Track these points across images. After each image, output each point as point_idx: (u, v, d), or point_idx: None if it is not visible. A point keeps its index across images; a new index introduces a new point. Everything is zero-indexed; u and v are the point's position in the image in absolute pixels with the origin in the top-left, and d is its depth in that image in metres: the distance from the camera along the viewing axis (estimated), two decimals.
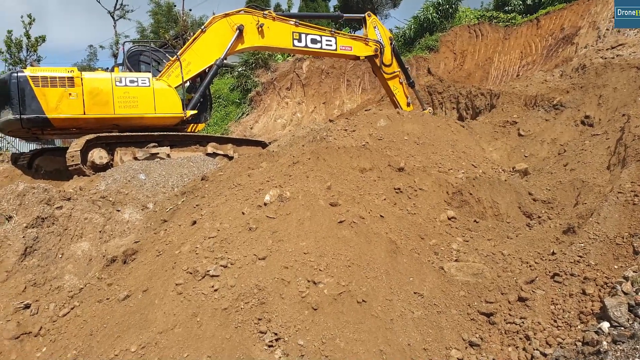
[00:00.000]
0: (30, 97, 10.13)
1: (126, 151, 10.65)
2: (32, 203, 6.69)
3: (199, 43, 11.84)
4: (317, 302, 4.00)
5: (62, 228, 6.46)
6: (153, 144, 10.89)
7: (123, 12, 48.58)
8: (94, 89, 10.53)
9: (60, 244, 6.29)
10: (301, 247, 4.55)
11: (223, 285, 4.25)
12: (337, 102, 20.93)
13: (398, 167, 6.72)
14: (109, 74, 10.98)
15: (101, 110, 10.58)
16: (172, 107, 11.22)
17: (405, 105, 13.50)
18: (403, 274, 4.59)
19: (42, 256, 6.02)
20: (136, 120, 11.03)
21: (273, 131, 19.30)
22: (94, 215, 6.84)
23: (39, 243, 6.12)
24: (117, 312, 4.63)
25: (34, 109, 10.14)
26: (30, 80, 10.16)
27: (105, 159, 10.35)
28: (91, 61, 50.70)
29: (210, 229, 5.17)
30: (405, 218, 5.64)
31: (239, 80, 21.72)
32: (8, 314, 5.04)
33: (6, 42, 34.32)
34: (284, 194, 5.36)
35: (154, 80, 11.05)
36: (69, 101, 10.32)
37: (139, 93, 10.86)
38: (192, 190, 7.55)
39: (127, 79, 10.84)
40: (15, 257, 5.84)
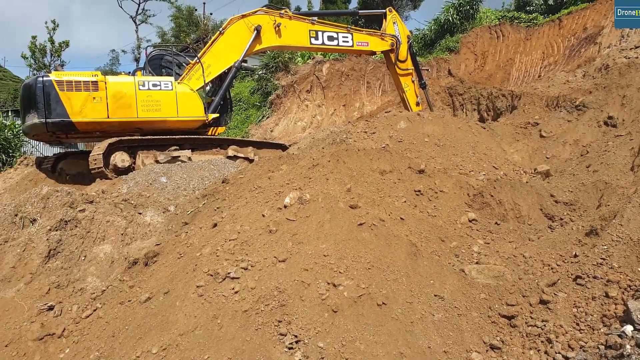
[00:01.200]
0: (55, 101, 10.25)
1: (148, 154, 10.79)
2: (56, 206, 6.83)
3: (218, 45, 11.90)
4: (337, 305, 3.98)
5: (85, 231, 6.57)
6: (174, 147, 11.01)
7: (145, 16, 49.65)
8: (118, 92, 10.63)
9: (83, 246, 6.39)
10: (321, 249, 4.54)
11: (243, 287, 4.27)
12: (357, 104, 20.88)
13: (418, 169, 6.67)
14: (132, 78, 11.09)
15: (124, 114, 10.67)
16: (194, 110, 11.31)
17: (414, 104, 13.56)
18: (423, 276, 4.54)
19: (65, 258, 6.12)
20: (159, 123, 11.12)
21: (293, 134, 19.35)
22: (116, 218, 6.93)
23: (63, 245, 6.23)
24: (139, 313, 4.68)
25: (58, 112, 10.25)
26: (56, 85, 10.29)
27: (127, 162, 10.49)
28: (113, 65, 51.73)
29: (230, 232, 5.20)
30: (426, 220, 5.58)
31: (259, 83, 21.86)
32: (32, 315, 5.14)
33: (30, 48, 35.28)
34: (303, 197, 5.36)
35: (176, 84, 11.15)
36: (92, 105, 10.44)
37: (162, 96, 10.97)
38: (213, 193, 7.62)
39: (150, 82, 10.96)
40: (39, 259, 5.96)
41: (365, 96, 21.13)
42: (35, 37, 35.17)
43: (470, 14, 23.03)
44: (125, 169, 10.35)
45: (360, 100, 21.03)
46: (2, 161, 15.81)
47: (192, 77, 11.53)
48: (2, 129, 16.12)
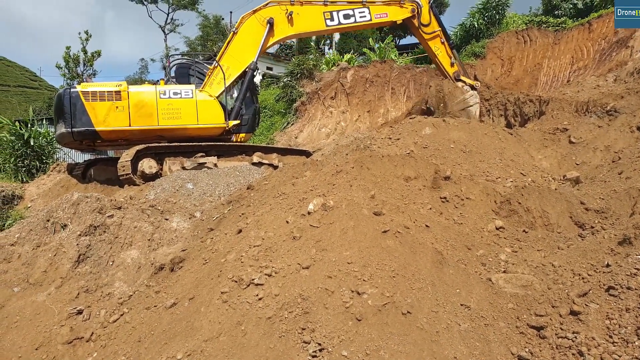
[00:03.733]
0: (81, 111, 10.75)
1: (175, 161, 10.98)
2: (86, 212, 6.99)
3: (233, 45, 11.89)
4: (361, 313, 3.95)
5: (113, 236, 6.70)
6: (201, 153, 11.16)
7: (173, 26, 50.71)
8: (139, 101, 10.97)
9: (111, 251, 6.52)
10: (345, 256, 4.51)
11: (267, 294, 4.27)
12: (382, 110, 20.80)
13: (444, 175, 6.58)
14: (153, 87, 11.35)
15: (146, 122, 10.96)
16: (214, 117, 11.41)
17: (448, 66, 12.92)
18: (449, 285, 4.46)
19: (94, 263, 6.26)
20: (180, 131, 11.28)
21: (317, 140, 19.38)
22: (144, 223, 7.06)
23: (92, 250, 6.37)
24: (165, 319, 4.73)
25: (84, 122, 10.74)
26: (81, 95, 10.77)
27: (154, 169, 10.70)
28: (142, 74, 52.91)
29: (255, 238, 5.22)
30: (452, 228, 5.50)
31: (284, 90, 22.01)
32: (62, 319, 5.26)
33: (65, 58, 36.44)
34: (327, 203, 5.35)
35: (196, 91, 11.32)
36: (115, 114, 10.83)
37: (182, 104, 11.15)
38: (238, 199, 7.67)
39: (171, 91, 11.19)
40: (69, 264, 6.11)
41: (389, 102, 21.04)
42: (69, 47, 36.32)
43: (496, 19, 22.75)
44: (153, 175, 10.55)
45: (385, 107, 20.94)
46: (36, 168, 16.29)
47: (212, 82, 11.65)
48: (37, 136, 16.62)
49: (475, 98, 12.04)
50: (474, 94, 11.97)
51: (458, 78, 12.46)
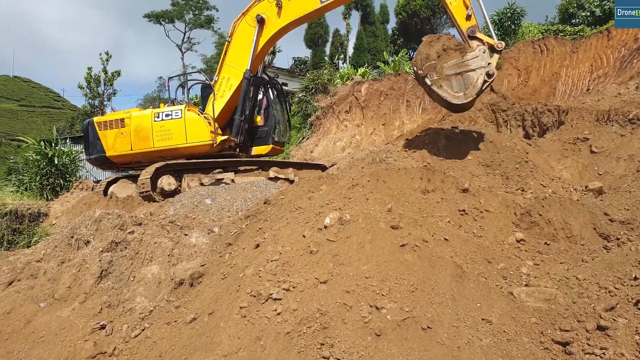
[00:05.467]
0: (96, 140, 11.98)
1: (193, 177, 11.16)
2: (107, 228, 7.12)
3: (230, 54, 11.78)
4: (380, 328, 3.92)
5: (134, 252, 6.80)
6: (218, 170, 11.29)
7: (190, 44, 51.76)
8: (138, 126, 11.68)
9: (132, 267, 6.60)
10: (362, 271, 4.50)
11: (286, 308, 4.28)
12: (397, 123, 20.77)
13: (462, 188, 6.53)
14: (150, 111, 11.94)
15: (143, 145, 11.61)
16: (200, 135, 11.38)
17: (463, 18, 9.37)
18: (470, 299, 4.40)
19: (115, 279, 6.35)
20: (172, 151, 11.57)
21: (332, 154, 19.43)
22: (163, 239, 7.14)
23: (113, 266, 6.46)
24: (185, 334, 4.76)
25: (98, 149, 12.00)
26: (96, 125, 12.03)
27: (173, 185, 10.88)
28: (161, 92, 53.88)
29: (272, 252, 5.24)
30: (471, 241, 5.44)
31: (299, 105, 22.20)
32: (86, 333, 5.33)
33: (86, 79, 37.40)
34: (344, 217, 5.35)
35: (186, 111, 11.49)
36: (121, 139, 11.76)
37: (173, 125, 11.49)
38: (255, 214, 7.72)
39: (164, 113, 11.62)
40: (92, 280, 6.21)
41: (405, 115, 21.01)
42: (90, 68, 37.18)
43: (511, 29, 22.64)
44: (172, 191, 10.71)
45: (400, 119, 20.92)
46: (60, 186, 16.67)
47: (216, 95, 11.69)
48: (60, 155, 17.03)
49: (480, 60, 8.38)
50: (480, 55, 8.41)
51: (473, 35, 9.13)
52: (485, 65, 8.29)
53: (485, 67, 8.27)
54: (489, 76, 8.29)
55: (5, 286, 6.55)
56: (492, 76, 8.29)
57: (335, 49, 34.34)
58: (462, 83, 8.34)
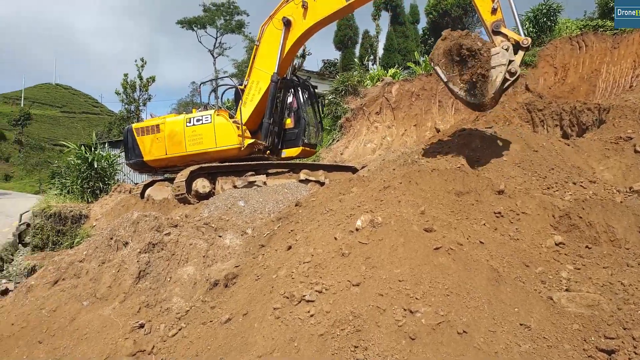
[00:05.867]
0: (134, 145, 12.53)
1: (226, 180, 11.34)
2: (145, 230, 7.32)
3: (258, 57, 11.87)
4: (415, 332, 3.88)
5: (170, 253, 6.96)
6: (250, 172, 11.43)
7: (221, 49, 52.65)
8: (172, 131, 12.07)
9: (168, 267, 6.77)
10: (396, 274, 4.47)
11: (319, 310, 4.29)
12: (429, 123, 20.50)
13: (498, 189, 6.40)
14: (182, 116, 12.31)
15: (177, 150, 11.99)
16: (228, 139, 11.54)
17: (488, 11, 8.73)
18: (507, 304, 4.31)
19: (153, 279, 6.52)
20: (203, 155, 11.83)
21: (363, 156, 19.35)
22: (198, 240, 7.28)
23: (151, 267, 6.64)
24: (220, 334, 4.84)
25: (136, 154, 12.53)
26: (135, 132, 12.58)
27: (207, 188, 11.10)
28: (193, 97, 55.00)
29: (304, 254, 5.27)
30: (508, 244, 5.32)
31: (329, 107, 22.22)
32: (126, 332, 5.50)
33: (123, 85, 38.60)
34: (375, 219, 5.32)
35: (215, 115, 11.69)
36: (157, 144, 12.22)
37: (203, 130, 11.74)
38: (286, 216, 7.78)
39: (195, 118, 11.92)
40: (131, 280, 6.40)
41: (437, 115, 20.72)
42: (126, 74, 38.41)
43: (547, 26, 22.02)
44: (206, 194, 10.92)
45: (432, 120, 20.64)
46: (99, 189, 17.25)
47: (246, 100, 11.82)
48: (99, 159, 17.62)
49: (501, 57, 7.86)
50: (500, 52, 7.86)
51: (497, 30, 8.41)
52: (506, 63, 7.79)
53: (506, 65, 7.78)
54: (511, 74, 7.87)
55: (51, 285, 6.83)
56: (514, 74, 7.86)
57: (365, 50, 34.22)
58: (482, 83, 7.87)
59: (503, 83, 7.83)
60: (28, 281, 7.48)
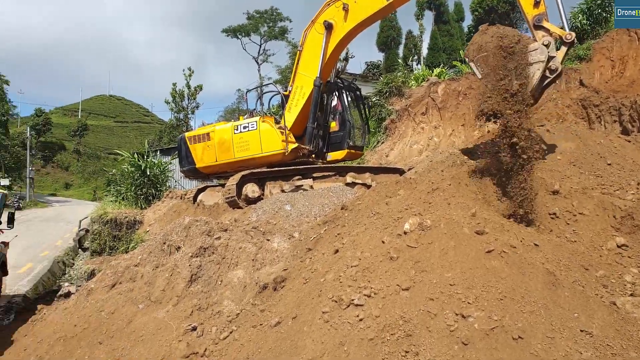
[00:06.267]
0: (187, 153, 12.96)
1: (275, 184, 11.52)
2: (196, 234, 7.53)
3: (302, 62, 11.93)
4: (468, 337, 3.78)
5: (221, 257, 7.12)
6: (298, 176, 11.53)
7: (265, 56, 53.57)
8: (221, 138, 12.41)
9: (219, 271, 6.92)
10: (446, 278, 4.37)
11: (368, 315, 4.26)
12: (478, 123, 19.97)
13: (552, 190, 6.14)
14: (230, 124, 12.61)
15: (226, 156, 12.28)
16: (273, 145, 11.67)
17: (531, 4, 8.26)
18: (565, 309, 4.12)
19: (204, 283, 6.69)
20: (249, 161, 12.02)
21: (409, 158, 19.08)
22: (247, 244, 7.41)
23: (202, 271, 6.82)
24: (270, 337, 4.90)
25: (189, 161, 12.93)
26: (187, 140, 13.00)
27: (257, 193, 11.30)
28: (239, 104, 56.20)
29: (352, 258, 5.25)
30: (564, 246, 5.09)
31: (373, 110, 22.09)
32: (179, 334, 5.67)
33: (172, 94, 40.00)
34: (424, 222, 5.23)
35: (260, 122, 11.87)
36: (207, 152, 12.59)
37: (250, 137, 11.97)
38: (333, 220, 7.78)
39: (242, 125, 12.17)
40: (183, 283, 6.60)
41: None
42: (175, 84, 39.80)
43: (602, 17, 20.98)
44: (256, 198, 11.11)
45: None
46: (152, 195, 17.92)
47: (291, 106, 11.94)
48: (152, 167, 18.30)
49: (539, 54, 7.36)
50: (539, 48, 7.36)
51: (539, 24, 7.84)
52: (544, 60, 7.29)
53: (545, 62, 7.29)
54: (552, 72, 7.41)
55: (109, 288, 7.15)
56: (555, 71, 7.41)
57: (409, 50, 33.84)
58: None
59: (542, 80, 7.43)
60: (88, 284, 7.87)
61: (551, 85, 8.14)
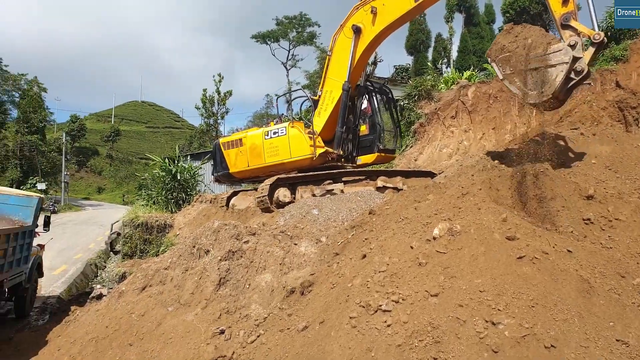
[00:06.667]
0: (222, 158, 13.43)
1: (306, 189, 11.59)
2: (225, 238, 7.63)
3: (331, 67, 11.97)
4: (498, 344, 3.71)
5: (249, 260, 7.19)
6: (328, 181, 11.55)
7: (294, 61, 53.99)
8: (252, 144, 12.75)
9: (247, 275, 6.99)
10: (476, 284, 4.30)
11: (396, 320, 4.23)
12: (509, 126, 19.54)
13: (586, 194, 5.97)
14: (261, 130, 12.92)
15: (257, 162, 12.60)
16: (301, 149, 11.85)
17: (559, 2, 7.69)
18: (600, 317, 3.99)
19: (232, 286, 6.76)
20: (279, 166, 12.25)
21: (438, 162, 18.86)
22: (275, 248, 7.47)
23: (230, 274, 6.90)
24: (297, 342, 4.92)
25: (223, 166, 13.37)
26: (222, 146, 13.48)
27: (288, 198, 11.38)
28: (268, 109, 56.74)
29: (379, 263, 5.22)
30: (599, 253, 4.94)
31: (402, 113, 21.96)
32: (207, 337, 5.74)
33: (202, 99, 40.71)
34: (454, 228, 5.17)
35: (290, 128, 12.08)
36: (240, 157, 12.98)
37: (279, 142, 12.22)
38: (360, 224, 7.76)
39: (272, 131, 12.46)
40: (212, 287, 6.69)
41: (517, 117, 19.74)
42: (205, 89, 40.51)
43: None
44: (287, 203, 11.19)
45: (512, 122, 19.67)
46: (182, 199, 18.26)
47: (320, 110, 12.02)
48: (182, 171, 18.67)
49: (563, 55, 7.03)
50: (563, 49, 7.03)
51: (566, 23, 7.41)
52: (568, 61, 6.94)
53: (569, 63, 6.94)
54: (577, 73, 7.06)
55: (140, 291, 7.31)
56: (580, 73, 7.05)
57: (438, 53, 33.56)
58: (538, 80, 7.16)
59: (567, 82, 7.14)
60: (119, 287, 8.07)
61: (578, 87, 7.88)
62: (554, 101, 7.37)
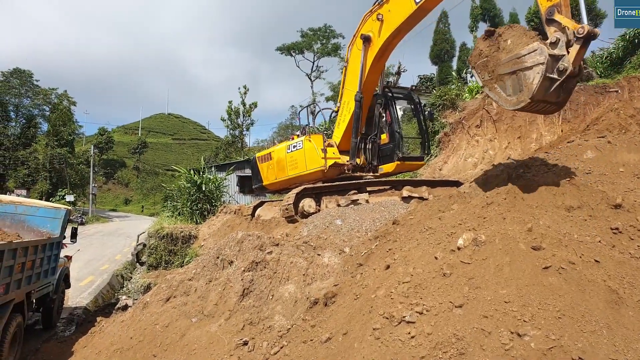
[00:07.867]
0: (257, 171, 14.56)
1: (330, 199, 11.65)
2: (248, 249, 7.72)
3: (348, 79, 12.10)
4: (524, 356, 3.65)
5: (272, 271, 7.25)
6: (354, 191, 11.56)
7: (318, 73, 54.46)
8: (278, 158, 13.63)
9: (270, 286, 7.04)
10: (501, 295, 4.25)
11: (419, 332, 4.21)
12: (534, 135, 19.25)
13: (614, 203, 5.83)
14: (285, 144, 13.74)
15: (282, 174, 13.37)
16: (315, 162, 12.28)
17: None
18: (630, 329, 3.89)
19: (256, 297, 6.82)
20: (298, 178, 12.84)
21: (463, 171, 18.69)
22: (298, 259, 7.51)
23: (254, 285, 6.96)
24: (320, 353, 4.92)
25: (259, 179, 14.46)
26: (257, 160, 14.65)
27: (313, 208, 11.45)
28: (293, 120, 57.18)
29: (403, 274, 5.21)
30: (628, 263, 4.81)
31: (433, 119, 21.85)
32: (231, 349, 5.79)
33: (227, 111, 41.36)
34: (478, 238, 5.12)
35: (307, 141, 12.54)
36: (270, 170, 13.93)
37: (298, 155, 12.85)
38: (384, 235, 7.74)
39: (292, 145, 13.14)
40: (235, 298, 6.76)
41: (542, 126, 19.42)
42: (231, 101, 41.24)
43: None
44: (312, 213, 11.25)
45: (538, 131, 19.37)
46: (207, 210, 18.51)
47: (339, 121, 12.31)
48: (207, 182, 18.94)
49: (538, 55, 6.14)
50: (538, 49, 6.13)
51: (550, 17, 6.47)
52: (544, 62, 6.01)
53: (544, 64, 6.02)
54: (561, 73, 6.09)
55: (164, 302, 7.44)
56: (564, 72, 6.07)
57: (463, 63, 33.38)
58: (516, 84, 6.36)
59: (551, 83, 6.22)
60: (144, 298, 8.22)
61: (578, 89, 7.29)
62: (550, 105, 6.69)
